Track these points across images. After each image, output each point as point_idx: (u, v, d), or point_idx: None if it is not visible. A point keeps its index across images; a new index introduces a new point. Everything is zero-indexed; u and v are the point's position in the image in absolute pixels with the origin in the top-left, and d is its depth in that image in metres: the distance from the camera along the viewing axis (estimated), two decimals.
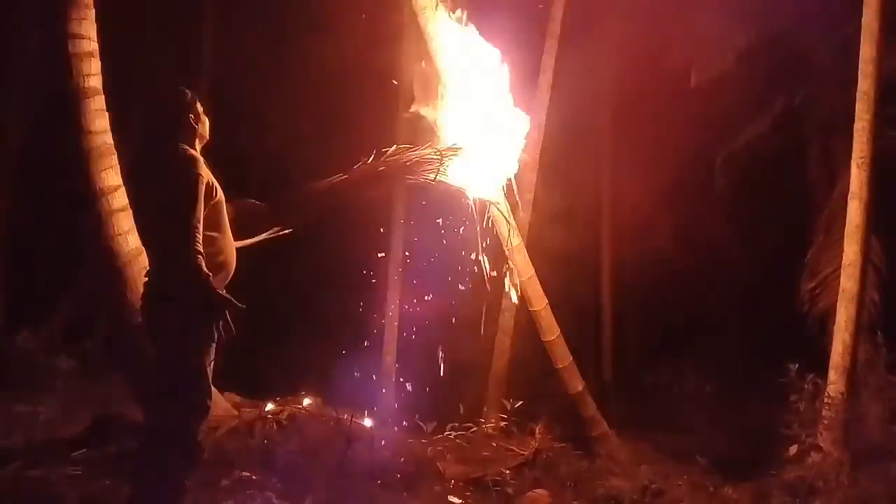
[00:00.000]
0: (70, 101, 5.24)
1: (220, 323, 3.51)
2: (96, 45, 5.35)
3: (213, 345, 3.65)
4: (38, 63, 8.77)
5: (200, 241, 3.46)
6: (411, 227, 9.15)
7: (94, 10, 5.33)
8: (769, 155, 9.55)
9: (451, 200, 5.62)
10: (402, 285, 9.11)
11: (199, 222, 3.48)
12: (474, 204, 5.50)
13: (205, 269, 3.42)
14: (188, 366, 3.56)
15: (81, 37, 5.23)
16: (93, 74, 5.29)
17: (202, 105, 3.96)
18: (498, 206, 6.09)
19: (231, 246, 3.90)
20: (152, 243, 3.88)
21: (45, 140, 8.24)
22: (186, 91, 3.93)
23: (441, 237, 5.99)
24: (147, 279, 3.70)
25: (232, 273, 3.91)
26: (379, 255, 8.73)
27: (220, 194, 3.83)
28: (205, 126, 3.93)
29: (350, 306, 9.20)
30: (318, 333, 9.57)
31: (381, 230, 9.20)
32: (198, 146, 3.87)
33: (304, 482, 5.27)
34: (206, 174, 3.69)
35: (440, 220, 6.02)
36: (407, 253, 9.13)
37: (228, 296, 3.55)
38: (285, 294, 10.27)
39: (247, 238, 4.22)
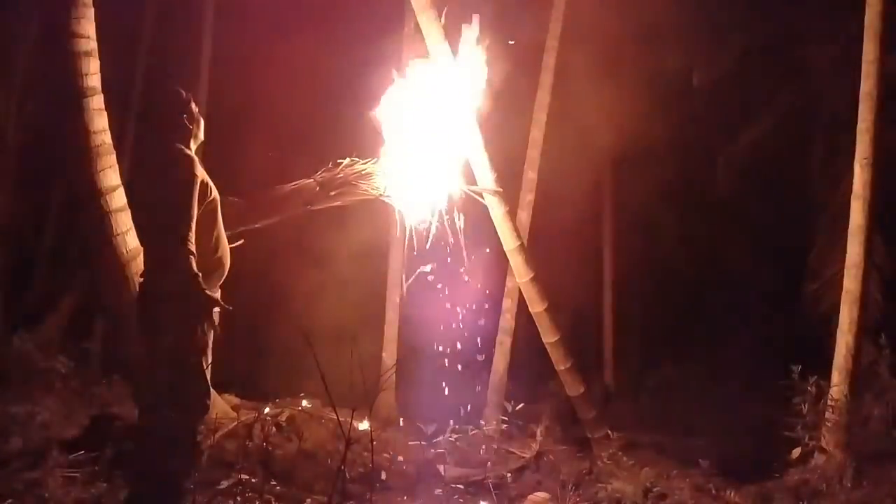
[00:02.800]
0: (69, 101, 5.21)
1: (207, 321, 3.53)
2: (95, 44, 5.32)
3: (210, 346, 3.64)
4: (36, 62, 8.76)
5: (193, 241, 3.47)
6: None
7: (92, 9, 5.29)
8: (772, 155, 9.53)
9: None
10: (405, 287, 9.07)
11: (192, 222, 3.49)
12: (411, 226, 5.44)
13: (195, 267, 3.44)
14: (186, 366, 3.54)
15: (80, 35, 5.20)
16: (92, 73, 5.26)
17: (197, 106, 3.96)
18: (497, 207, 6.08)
19: (226, 244, 3.90)
20: (148, 243, 3.87)
21: (43, 140, 8.21)
22: (181, 92, 3.93)
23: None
24: (143, 279, 3.69)
25: (227, 270, 3.91)
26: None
27: (215, 193, 3.84)
28: (199, 127, 3.94)
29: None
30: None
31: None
32: (193, 146, 3.87)
33: (303, 484, 5.24)
34: (202, 174, 3.70)
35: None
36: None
37: (215, 295, 3.58)
38: (287, 296, 10.23)
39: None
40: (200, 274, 3.49)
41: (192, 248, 3.47)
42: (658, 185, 11.52)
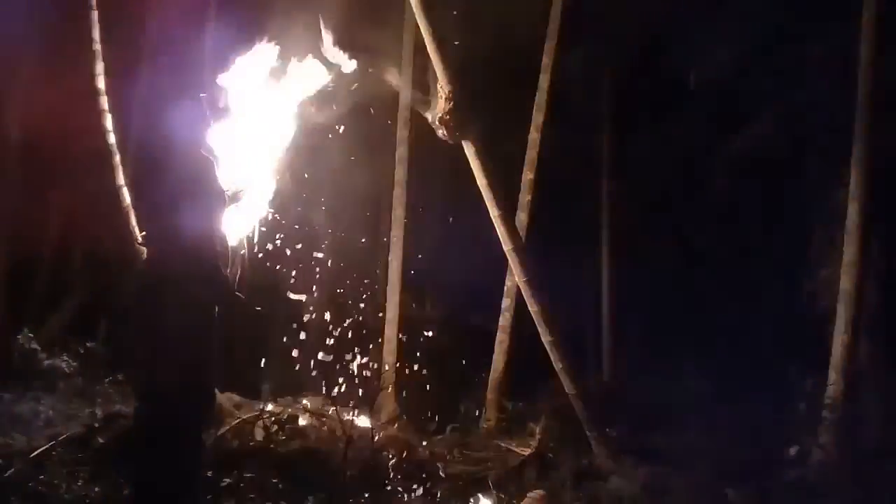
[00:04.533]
0: (73, 102, 5.24)
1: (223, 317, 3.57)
2: (99, 46, 5.35)
3: (215, 345, 3.67)
4: (41, 63, 8.78)
5: (218, 244, 3.54)
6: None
7: (97, 11, 5.32)
8: (769, 156, 9.53)
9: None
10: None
11: (217, 223, 3.56)
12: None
13: (223, 270, 3.51)
14: (190, 365, 3.57)
15: (85, 38, 5.22)
16: (96, 75, 5.29)
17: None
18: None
19: (227, 241, 3.94)
20: (165, 244, 3.87)
21: (47, 140, 8.24)
22: (204, 94, 3.96)
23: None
24: (149, 279, 3.71)
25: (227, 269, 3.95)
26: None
27: (225, 194, 3.88)
28: (207, 129, 3.97)
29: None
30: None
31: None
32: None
33: (305, 481, 5.28)
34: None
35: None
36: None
37: (238, 293, 3.63)
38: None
39: None
40: (227, 275, 3.55)
41: (219, 249, 3.54)
42: (657, 184, 11.55)
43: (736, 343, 10.47)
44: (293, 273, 8.10)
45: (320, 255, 8.80)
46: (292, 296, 7.47)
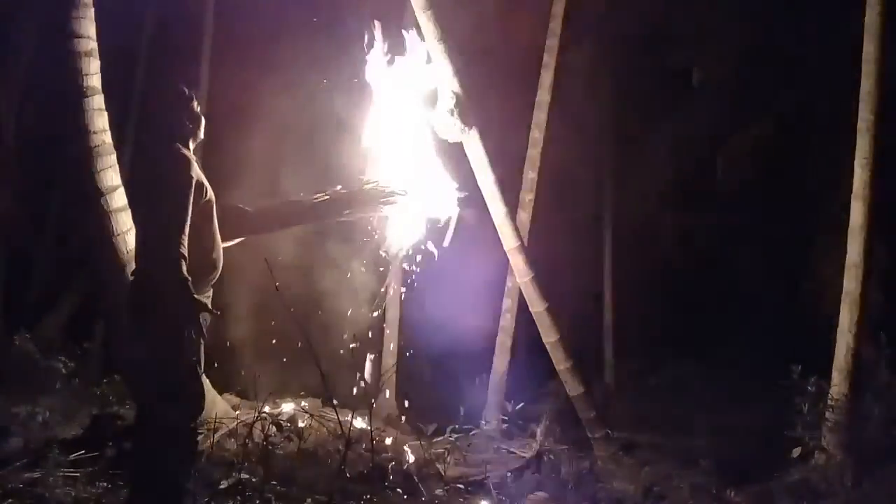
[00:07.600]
0: (69, 100, 5.21)
1: (195, 325, 3.51)
2: (95, 43, 5.32)
3: (202, 346, 3.63)
4: (37, 62, 8.76)
5: (185, 245, 3.43)
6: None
7: (93, 9, 5.29)
8: (772, 154, 9.52)
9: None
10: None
11: (184, 225, 3.46)
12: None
13: (184, 271, 3.40)
14: (177, 367, 3.53)
15: (80, 35, 5.20)
16: (92, 73, 5.26)
17: (199, 105, 3.95)
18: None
19: (220, 244, 3.88)
20: (140, 244, 3.84)
21: (44, 140, 8.21)
22: (184, 90, 3.91)
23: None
24: (133, 278, 3.67)
25: (220, 270, 3.89)
26: None
27: (211, 194, 3.82)
28: (200, 126, 3.92)
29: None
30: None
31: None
32: (192, 146, 3.85)
33: (303, 484, 5.24)
34: (197, 174, 3.68)
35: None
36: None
37: (206, 297, 3.57)
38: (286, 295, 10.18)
39: (226, 239, 4.17)
40: (189, 278, 3.45)
41: (184, 251, 3.43)
42: (658, 184, 11.52)
43: (738, 343, 10.46)
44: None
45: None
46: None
